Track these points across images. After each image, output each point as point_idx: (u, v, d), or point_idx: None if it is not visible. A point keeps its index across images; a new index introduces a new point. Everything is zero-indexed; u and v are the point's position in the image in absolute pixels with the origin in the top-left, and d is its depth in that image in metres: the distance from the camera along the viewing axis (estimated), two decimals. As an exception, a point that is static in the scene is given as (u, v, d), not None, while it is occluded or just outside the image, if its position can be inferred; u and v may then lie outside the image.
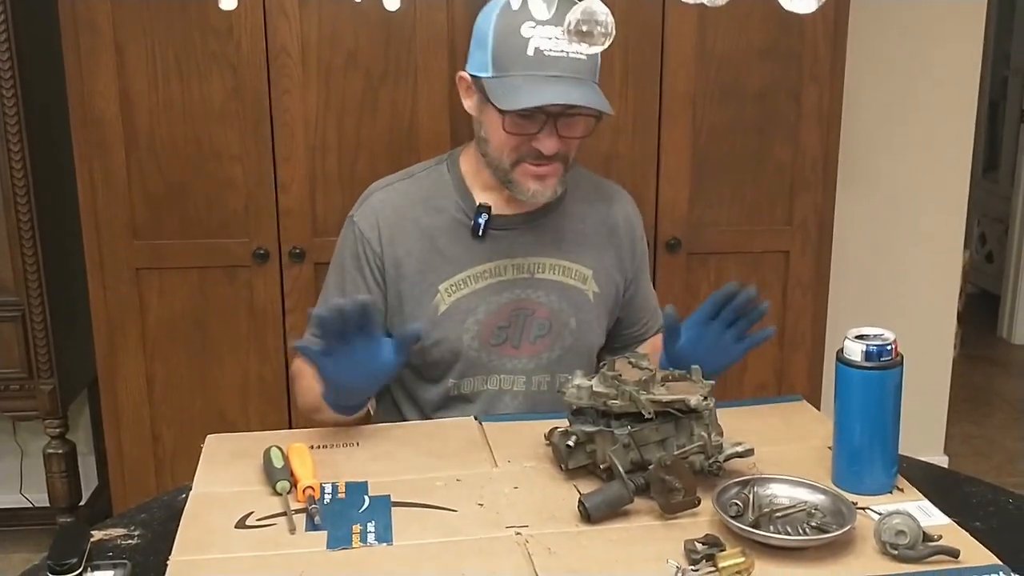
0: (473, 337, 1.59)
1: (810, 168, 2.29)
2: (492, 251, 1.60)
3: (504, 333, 1.61)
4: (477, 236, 1.58)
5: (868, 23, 2.68)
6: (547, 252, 1.62)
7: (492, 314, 1.60)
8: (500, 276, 1.60)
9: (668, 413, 1.27)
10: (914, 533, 1.10)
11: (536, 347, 1.62)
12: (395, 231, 1.59)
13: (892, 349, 1.23)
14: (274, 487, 1.26)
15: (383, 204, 1.61)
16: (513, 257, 1.61)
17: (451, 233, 1.60)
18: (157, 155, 2.14)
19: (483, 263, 1.60)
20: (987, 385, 4.12)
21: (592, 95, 1.48)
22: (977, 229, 5.00)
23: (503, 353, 1.61)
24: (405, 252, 1.59)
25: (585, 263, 1.65)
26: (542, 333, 1.62)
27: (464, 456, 1.38)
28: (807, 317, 2.36)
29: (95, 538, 1.18)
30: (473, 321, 1.59)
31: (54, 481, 2.49)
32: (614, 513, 1.20)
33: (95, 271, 2.17)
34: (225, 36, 2.09)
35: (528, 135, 1.50)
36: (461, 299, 1.59)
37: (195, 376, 2.24)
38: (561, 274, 1.63)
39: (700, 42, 2.20)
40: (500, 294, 1.60)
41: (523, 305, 1.61)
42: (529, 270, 1.61)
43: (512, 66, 1.47)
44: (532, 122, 1.49)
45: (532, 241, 1.62)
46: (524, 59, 1.45)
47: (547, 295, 1.62)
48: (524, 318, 1.61)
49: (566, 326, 1.63)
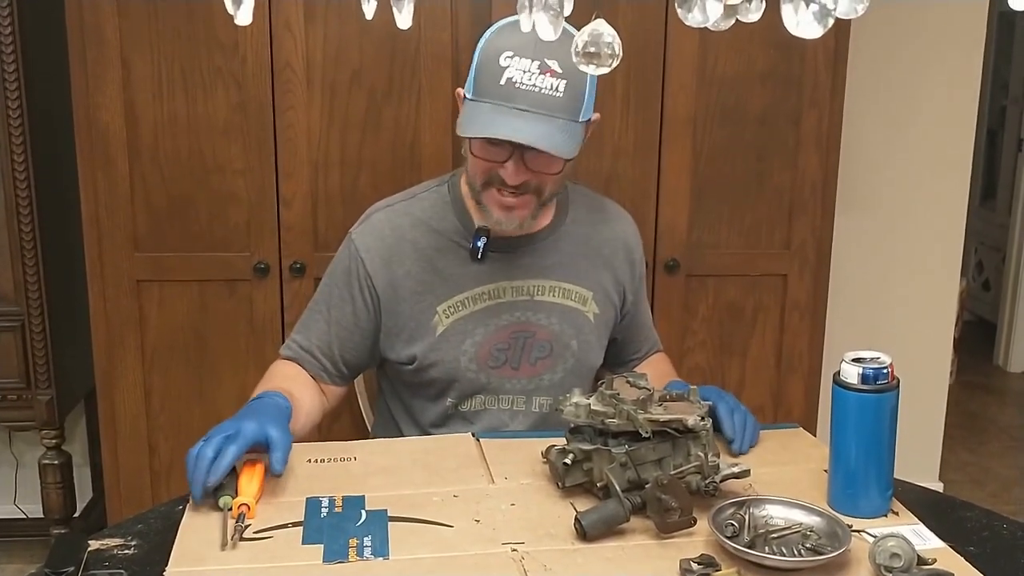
0: (471, 359, 1.59)
1: (809, 192, 2.31)
2: (491, 273, 1.60)
3: (503, 355, 1.61)
4: (476, 259, 1.58)
5: (868, 50, 2.71)
6: (547, 274, 1.62)
7: (490, 336, 1.60)
8: (499, 298, 1.60)
9: (665, 433, 1.28)
10: (909, 556, 1.11)
11: (536, 368, 1.63)
12: (393, 252, 1.60)
13: (888, 372, 1.24)
14: (216, 502, 1.25)
15: (383, 224, 1.62)
16: (512, 279, 1.61)
17: (450, 255, 1.60)
18: (160, 168, 2.15)
19: (482, 285, 1.60)
20: (982, 413, 4.12)
21: (552, 134, 1.43)
22: (974, 257, 5.02)
23: (502, 375, 1.61)
24: (403, 273, 1.59)
25: (585, 285, 1.65)
26: (543, 355, 1.62)
27: (461, 472, 1.39)
28: (804, 340, 2.37)
29: (92, 547, 1.18)
30: (471, 343, 1.59)
31: (49, 492, 2.48)
32: (610, 531, 1.20)
33: (96, 282, 2.17)
34: (231, 51, 2.11)
35: (496, 162, 1.49)
36: (459, 321, 1.59)
37: (193, 389, 2.25)
38: (561, 296, 1.63)
39: (701, 65, 2.22)
40: (499, 316, 1.60)
41: (523, 327, 1.61)
42: (528, 292, 1.61)
43: (485, 93, 1.46)
44: (499, 150, 1.47)
45: (532, 263, 1.62)
46: (496, 88, 1.44)
47: (547, 317, 1.62)
48: (524, 340, 1.61)
49: (567, 348, 1.63)
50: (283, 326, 2.22)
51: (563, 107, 1.44)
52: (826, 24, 0.73)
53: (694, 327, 2.34)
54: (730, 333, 2.36)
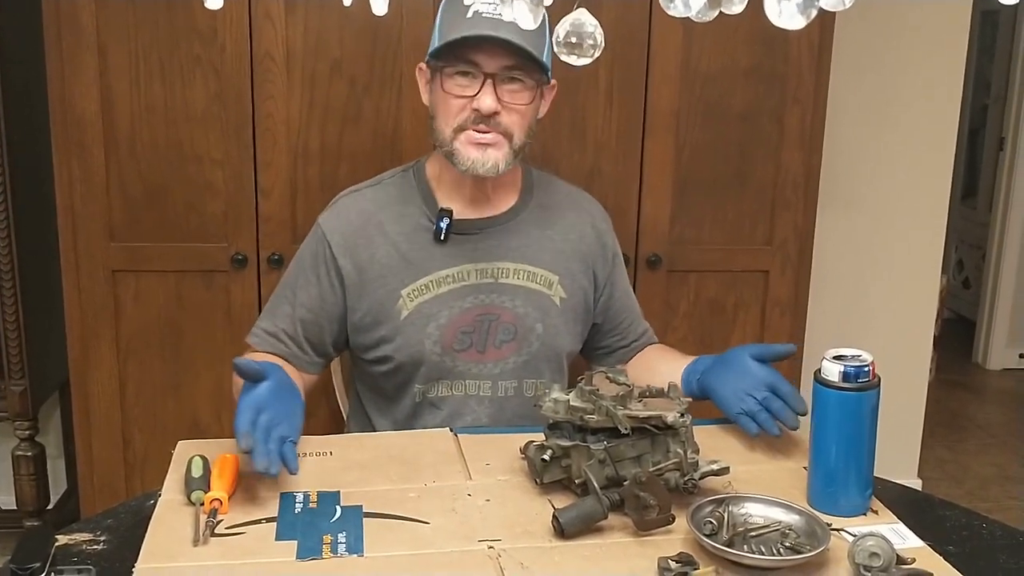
0: (435, 342, 1.58)
1: (791, 189, 2.30)
2: (455, 255, 1.60)
3: (469, 338, 1.60)
4: (439, 240, 1.59)
5: (852, 48, 2.71)
6: (511, 257, 1.62)
7: (455, 319, 1.59)
8: (463, 281, 1.60)
9: (645, 429, 1.27)
10: (888, 556, 1.10)
11: (502, 352, 1.62)
12: (359, 237, 1.60)
13: (869, 370, 1.24)
14: (188, 497, 1.24)
15: (349, 209, 1.63)
16: (477, 262, 1.60)
17: (415, 238, 1.60)
18: (137, 157, 2.12)
19: (446, 268, 1.59)
20: (961, 410, 4.14)
21: (519, 36, 1.45)
22: (955, 255, 5.04)
23: (468, 359, 1.61)
24: (368, 257, 1.59)
25: (551, 268, 1.64)
26: (507, 338, 1.62)
27: (438, 468, 1.37)
28: (784, 337, 2.36)
29: (60, 543, 1.16)
30: (435, 327, 1.58)
31: (22, 484, 2.46)
32: (588, 529, 1.19)
33: (70, 272, 2.14)
34: (209, 40, 2.08)
35: (467, 97, 1.50)
36: (423, 304, 1.59)
37: (169, 381, 2.22)
38: (526, 279, 1.63)
39: (685, 60, 2.21)
40: (464, 299, 1.60)
41: (488, 310, 1.61)
42: (493, 275, 1.61)
43: (452, 31, 1.49)
44: (470, 80, 1.50)
45: (496, 245, 1.62)
46: (462, 21, 1.48)
47: (511, 300, 1.61)
48: (489, 323, 1.61)
49: (532, 331, 1.62)
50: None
51: (529, 39, 1.47)
52: (809, 15, 0.72)
53: (675, 323, 2.34)
54: (711, 329, 2.35)
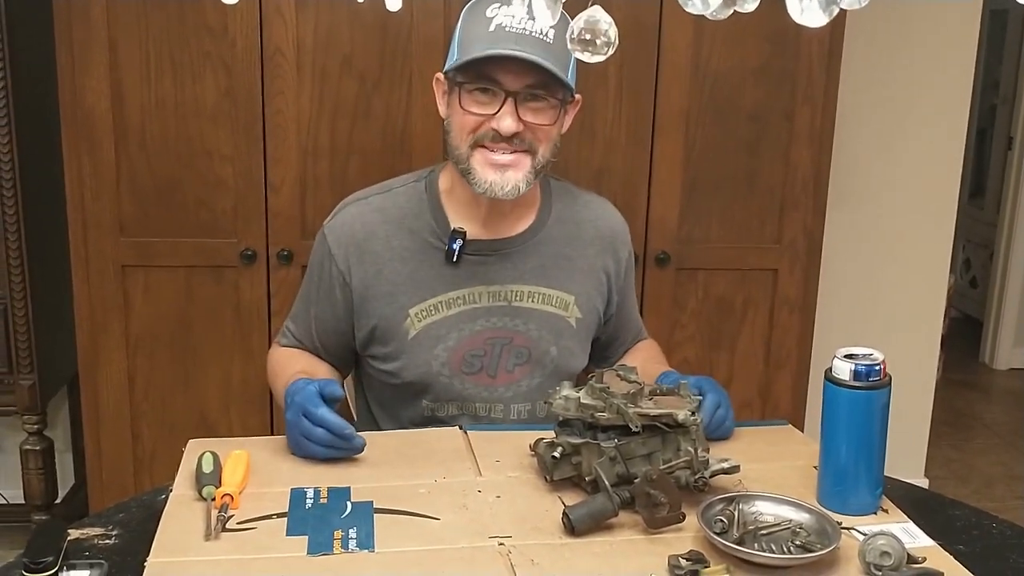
0: (443, 364, 1.54)
1: (800, 188, 2.30)
2: (467, 277, 1.54)
3: (479, 362, 1.56)
4: (451, 261, 1.53)
5: (862, 47, 2.70)
6: (527, 279, 1.57)
7: (464, 342, 1.55)
8: (474, 303, 1.55)
9: (655, 427, 1.27)
10: (898, 555, 1.10)
11: (514, 375, 1.58)
12: (364, 250, 1.54)
13: (880, 369, 1.23)
14: (199, 492, 1.24)
15: (354, 219, 1.56)
16: (489, 284, 1.55)
17: (423, 257, 1.54)
18: (147, 152, 2.12)
19: (456, 289, 1.54)
20: (968, 410, 4.13)
21: (544, 53, 1.38)
22: (962, 254, 5.03)
23: (479, 382, 1.56)
24: (375, 272, 1.54)
25: (568, 289, 1.59)
26: (520, 361, 1.57)
27: (449, 464, 1.37)
28: (793, 336, 2.36)
29: (72, 536, 1.16)
30: (443, 348, 1.54)
31: (30, 478, 2.46)
32: (598, 526, 1.19)
33: (80, 266, 2.15)
34: (220, 35, 2.08)
35: (486, 116, 1.43)
36: (431, 325, 1.54)
37: (178, 376, 2.23)
38: (541, 302, 1.57)
39: (695, 59, 2.20)
40: (474, 321, 1.55)
41: (499, 333, 1.56)
42: (506, 298, 1.56)
43: (473, 45, 1.42)
44: (490, 98, 1.43)
45: (511, 268, 1.56)
46: (485, 35, 1.41)
47: (525, 324, 1.56)
48: (500, 347, 1.56)
49: (546, 354, 1.58)
50: (269, 314, 2.20)
51: (554, 56, 1.40)
52: (831, 13, 0.71)
53: (683, 321, 2.34)
54: (719, 327, 2.35)
